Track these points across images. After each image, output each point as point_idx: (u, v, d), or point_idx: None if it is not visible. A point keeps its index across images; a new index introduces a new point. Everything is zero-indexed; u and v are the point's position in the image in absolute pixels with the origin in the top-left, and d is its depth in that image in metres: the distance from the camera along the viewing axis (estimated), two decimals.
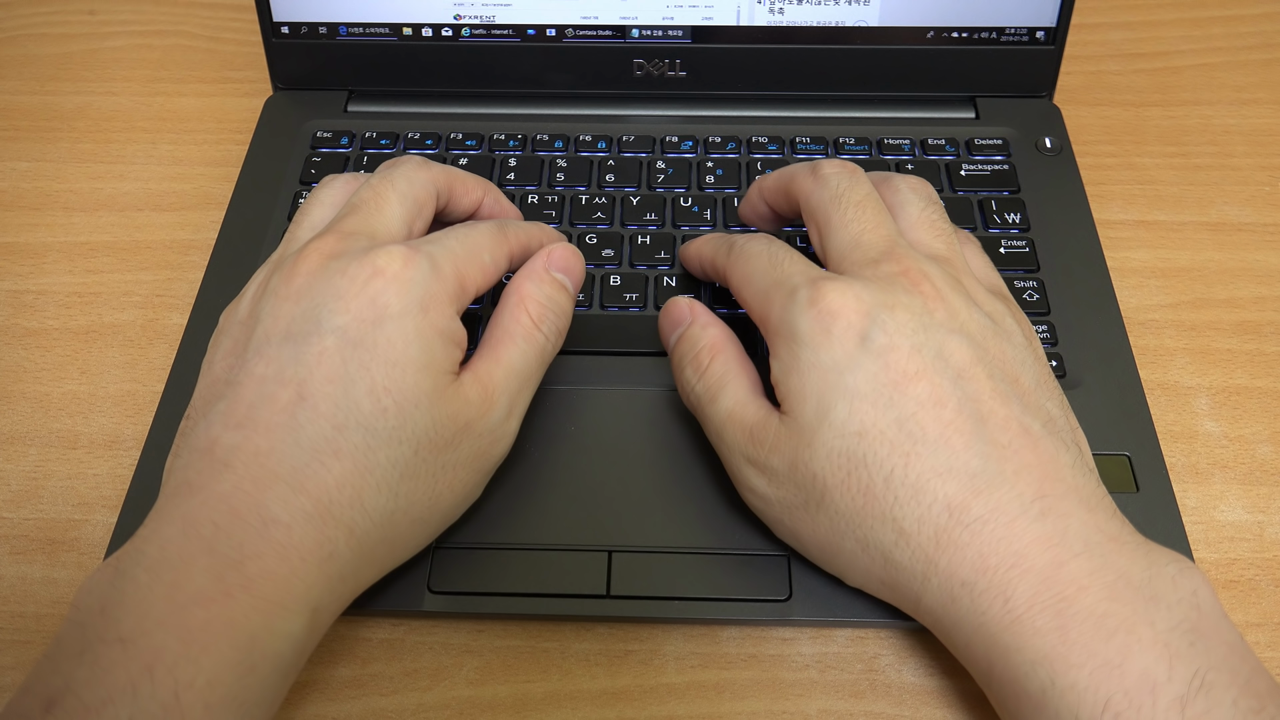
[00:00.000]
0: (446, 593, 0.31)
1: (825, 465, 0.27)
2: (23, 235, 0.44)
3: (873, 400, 0.27)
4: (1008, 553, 0.25)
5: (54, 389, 0.39)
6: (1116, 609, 0.24)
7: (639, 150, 0.44)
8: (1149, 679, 0.23)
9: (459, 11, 0.44)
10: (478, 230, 0.31)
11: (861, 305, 0.28)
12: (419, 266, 0.28)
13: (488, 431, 0.29)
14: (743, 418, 0.29)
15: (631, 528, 0.32)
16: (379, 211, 0.30)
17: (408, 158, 0.33)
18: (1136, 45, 0.52)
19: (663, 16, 0.44)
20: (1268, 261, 0.42)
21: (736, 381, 0.30)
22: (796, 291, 0.28)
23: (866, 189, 0.32)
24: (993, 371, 0.28)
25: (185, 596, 0.24)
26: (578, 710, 0.30)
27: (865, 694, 0.31)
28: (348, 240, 0.29)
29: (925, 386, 0.27)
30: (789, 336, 0.28)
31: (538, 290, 0.31)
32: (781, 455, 0.28)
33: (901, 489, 0.26)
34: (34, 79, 0.51)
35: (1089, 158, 0.46)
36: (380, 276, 0.27)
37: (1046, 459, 0.27)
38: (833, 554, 0.28)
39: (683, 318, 0.32)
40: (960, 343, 0.28)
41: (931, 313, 0.28)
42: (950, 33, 0.44)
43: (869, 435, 0.27)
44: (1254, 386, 0.38)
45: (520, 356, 0.30)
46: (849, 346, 0.27)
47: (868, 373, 0.27)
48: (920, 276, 0.29)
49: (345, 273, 0.27)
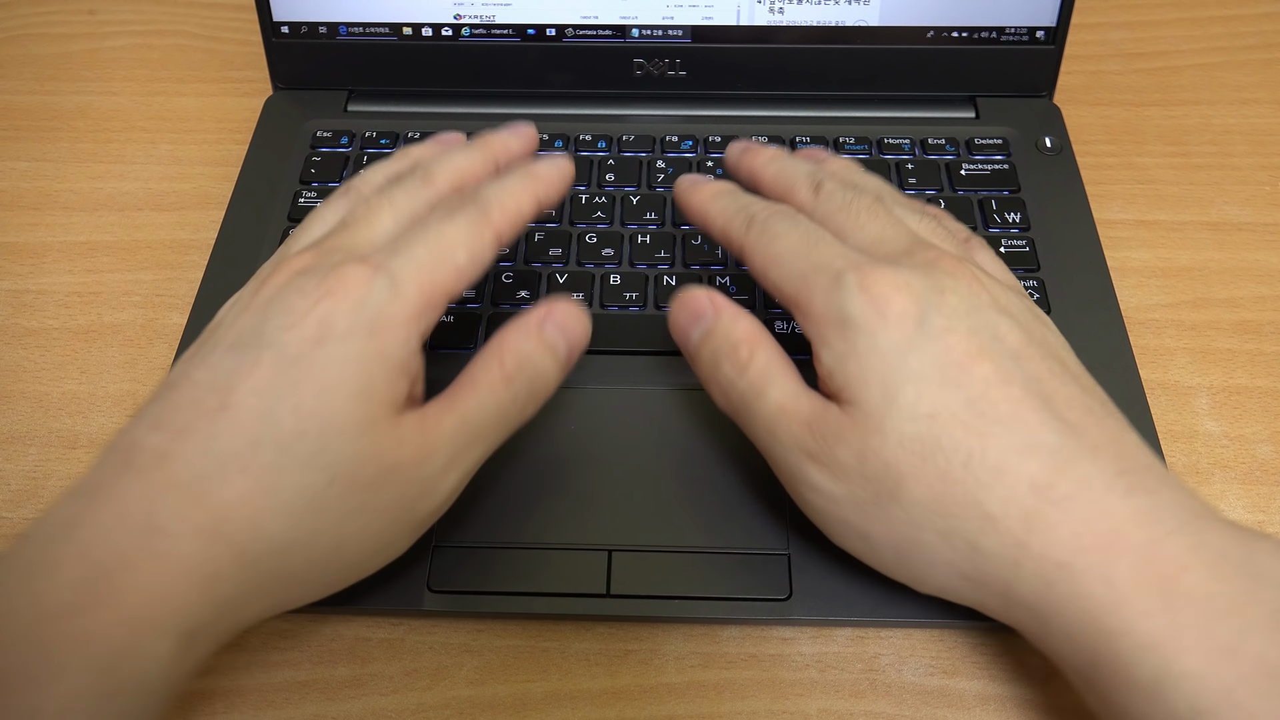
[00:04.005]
0: (446, 592, 0.31)
1: (898, 452, 0.25)
2: (23, 235, 0.44)
3: (939, 382, 0.26)
4: (1104, 530, 0.24)
5: (54, 389, 0.39)
6: (1223, 589, 0.23)
7: (639, 150, 0.44)
8: (1266, 663, 0.22)
9: (459, 11, 0.44)
10: (453, 224, 0.28)
11: (912, 289, 0.27)
12: (375, 286, 0.26)
13: (417, 481, 0.26)
14: (797, 410, 0.27)
15: (631, 527, 0.32)
16: (368, 227, 0.29)
17: (432, 151, 0.32)
18: (1136, 45, 0.52)
19: (663, 16, 0.44)
20: (1268, 261, 0.42)
21: (783, 373, 0.28)
22: (842, 276, 0.27)
23: (871, 198, 0.31)
24: (1044, 353, 0.27)
25: (48, 608, 0.22)
26: (578, 710, 0.30)
27: (865, 694, 0.31)
28: (323, 256, 0.28)
29: (989, 366, 0.26)
30: (840, 323, 0.27)
31: (520, 345, 0.28)
32: (848, 446, 0.26)
33: (982, 471, 0.25)
34: (34, 79, 0.51)
35: (1089, 157, 0.46)
36: (331, 296, 0.26)
37: (1115, 436, 0.26)
38: (909, 552, 0.27)
39: (704, 311, 0.29)
40: (1011, 325, 0.27)
41: (977, 295, 0.27)
42: (950, 32, 0.44)
43: (941, 417, 0.25)
44: (1254, 386, 0.38)
45: (478, 409, 0.27)
46: (907, 329, 0.26)
47: (930, 355, 0.26)
48: (955, 263, 0.28)
49: (302, 289, 0.26)
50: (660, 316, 0.38)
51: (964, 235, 0.33)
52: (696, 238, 0.40)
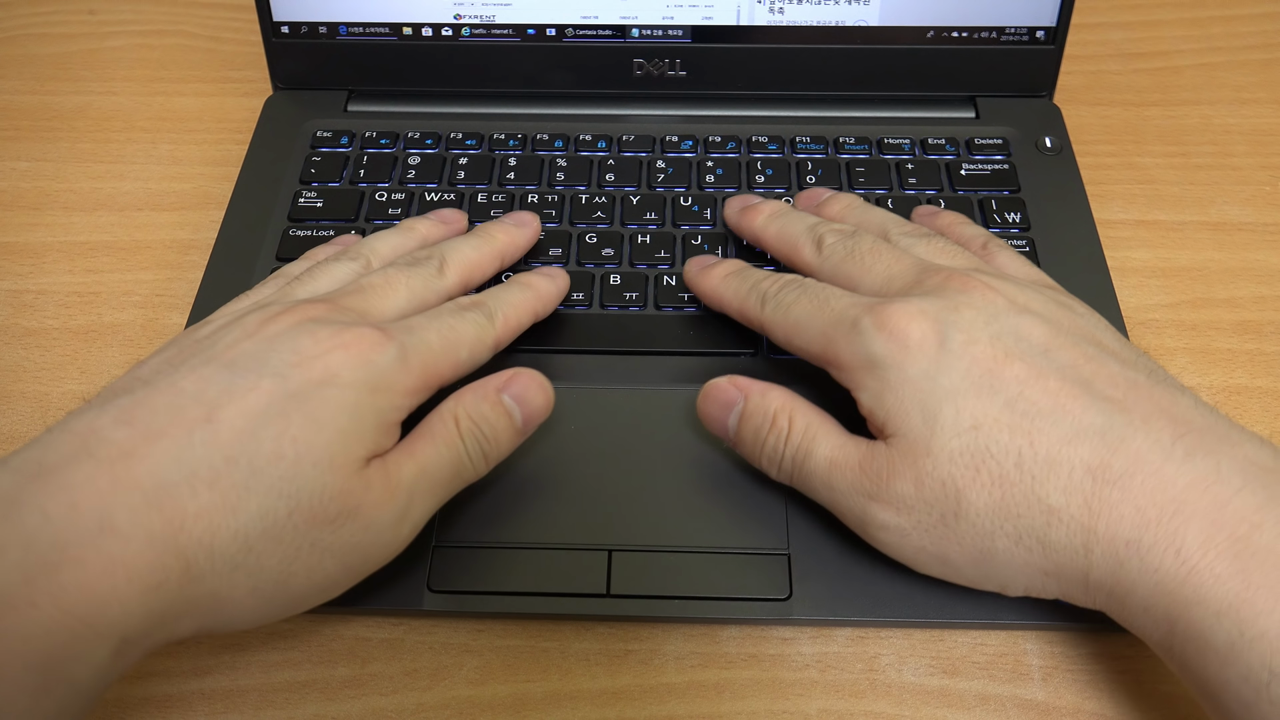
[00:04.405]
0: (446, 592, 0.31)
1: (950, 469, 0.26)
2: (23, 235, 0.44)
3: (975, 393, 0.26)
4: (1165, 500, 0.24)
5: (54, 389, 0.39)
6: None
7: (639, 150, 0.44)
8: None
9: (459, 11, 0.44)
10: (464, 323, 0.30)
11: (927, 315, 0.28)
12: (385, 352, 0.27)
13: (374, 525, 0.27)
14: (846, 459, 0.28)
15: (631, 527, 0.32)
16: (382, 299, 0.30)
17: (438, 231, 0.36)
18: (1136, 45, 0.52)
19: (663, 16, 0.44)
20: (1268, 261, 0.42)
21: (824, 428, 0.29)
22: (859, 322, 0.28)
23: (870, 238, 0.32)
24: (1075, 340, 0.28)
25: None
26: (578, 710, 0.30)
27: (865, 694, 0.31)
28: (337, 311, 0.29)
29: (1020, 366, 0.27)
30: (868, 365, 0.28)
31: (476, 407, 0.29)
32: (903, 477, 0.27)
33: (1035, 467, 0.25)
34: (34, 79, 0.51)
35: (1089, 157, 0.46)
36: (344, 349, 0.27)
37: (1166, 403, 0.26)
38: (988, 562, 0.27)
39: (732, 398, 0.31)
40: (1033, 321, 0.28)
41: (992, 303, 0.28)
42: (950, 32, 0.44)
43: (984, 425, 0.26)
44: (1254, 386, 0.38)
45: (435, 458, 0.28)
46: (931, 353, 0.27)
47: (959, 370, 0.27)
48: (965, 278, 0.29)
49: (315, 335, 0.27)
50: (660, 317, 0.38)
51: (981, 240, 0.34)
52: (697, 238, 0.40)
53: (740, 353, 0.37)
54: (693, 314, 0.38)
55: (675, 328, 0.37)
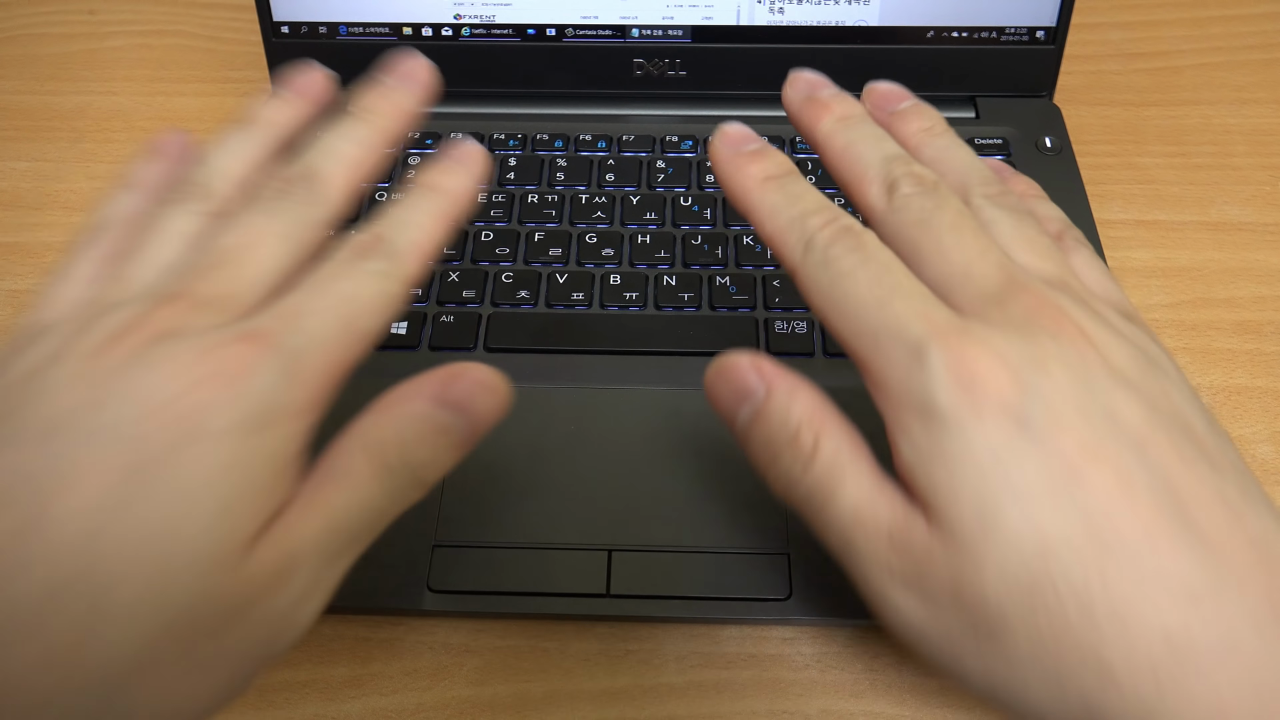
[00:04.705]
0: (446, 592, 0.31)
1: (1000, 589, 0.21)
2: (23, 235, 0.44)
3: (1050, 500, 0.21)
4: (1252, 694, 0.20)
5: None
6: None
7: (639, 150, 0.44)
8: None
9: (459, 11, 0.44)
10: (363, 282, 0.22)
11: (1009, 368, 0.21)
12: (264, 372, 0.20)
13: (272, 618, 0.21)
14: (876, 519, 0.22)
15: (631, 527, 0.32)
16: (249, 269, 0.22)
17: (288, 112, 0.26)
18: (1136, 45, 0.52)
19: (663, 16, 0.44)
20: (1268, 261, 0.42)
21: (855, 463, 0.23)
22: (925, 351, 0.22)
23: (955, 205, 0.24)
24: (1168, 425, 0.22)
25: None
26: (578, 710, 0.30)
27: (865, 694, 0.31)
28: (193, 313, 0.21)
29: (1108, 471, 0.21)
30: (923, 411, 0.22)
31: (404, 429, 0.22)
32: (938, 575, 0.21)
33: (1104, 616, 0.20)
34: (34, 79, 0.51)
35: (1089, 157, 0.46)
36: (208, 385, 0.20)
37: (1263, 548, 0.21)
38: (1006, 693, 0.22)
39: (751, 388, 0.24)
40: (1127, 396, 0.22)
41: (1087, 361, 0.22)
42: (950, 32, 0.44)
43: (1053, 549, 0.20)
44: (1254, 386, 0.38)
45: (347, 508, 0.21)
46: (1007, 429, 0.21)
47: (1036, 462, 0.21)
48: (1058, 312, 0.23)
49: (167, 366, 0.20)
50: (660, 317, 0.38)
51: (1058, 227, 0.28)
52: (697, 238, 0.40)
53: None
54: (692, 314, 0.38)
55: (675, 328, 0.37)
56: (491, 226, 0.41)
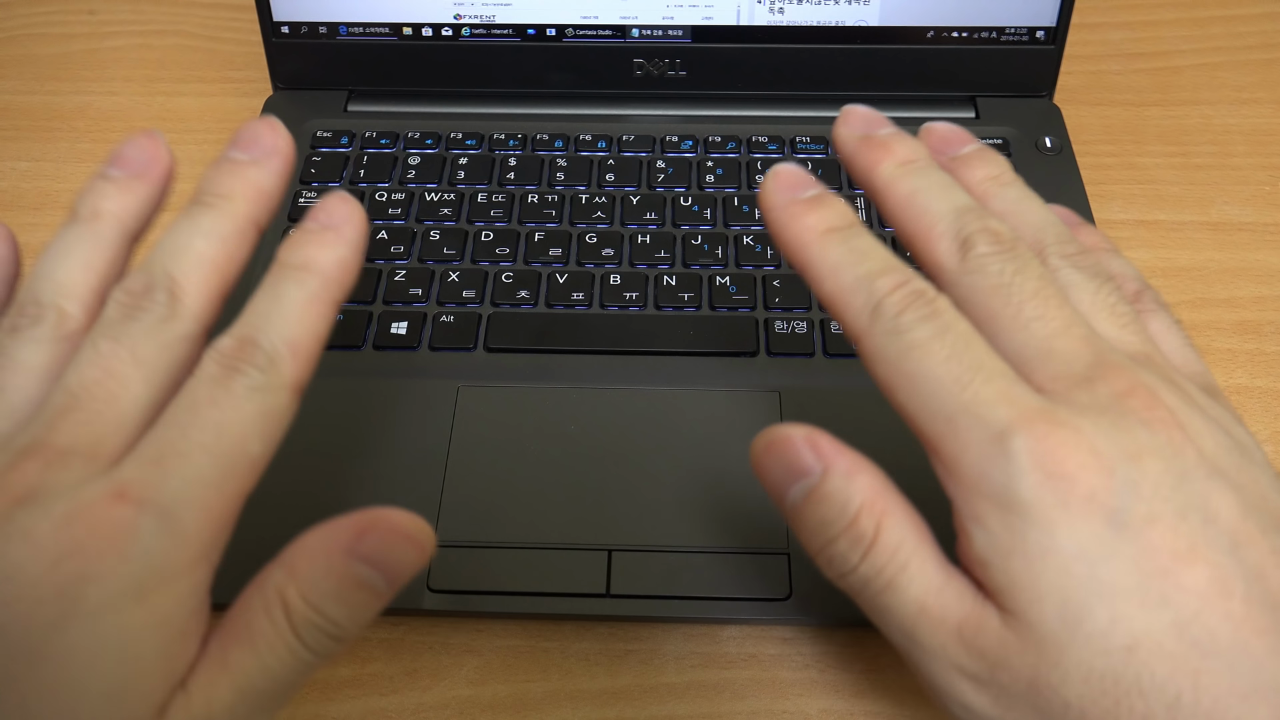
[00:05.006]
0: (446, 592, 0.31)
1: (1083, 690, 0.20)
2: (23, 235, 0.44)
3: (1140, 600, 0.19)
4: None
5: None
6: None
7: (639, 150, 0.44)
8: None
9: (459, 11, 0.44)
10: (237, 404, 0.20)
11: (1101, 461, 0.20)
12: (142, 532, 0.18)
13: None
14: (943, 612, 0.21)
15: (631, 527, 0.32)
16: (110, 408, 0.20)
17: (170, 252, 0.22)
18: (1136, 45, 0.52)
19: (663, 16, 0.44)
20: (1268, 261, 0.42)
21: (919, 554, 0.21)
22: (1009, 440, 0.20)
23: (1037, 270, 0.22)
24: (1261, 520, 0.21)
25: None
26: (578, 710, 0.30)
27: (865, 694, 0.31)
28: (53, 469, 0.19)
29: (1203, 571, 0.20)
30: (1003, 503, 0.20)
31: (316, 585, 0.20)
32: (1013, 672, 0.20)
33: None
34: (34, 79, 0.51)
35: (1089, 157, 0.46)
36: (80, 554, 0.18)
37: None
38: None
39: (807, 467, 0.22)
40: (1221, 489, 0.21)
41: (1181, 454, 0.21)
42: (950, 32, 0.44)
43: (1141, 650, 0.19)
44: (1254, 386, 0.38)
45: (259, 672, 0.20)
46: (1096, 525, 0.20)
47: (1127, 560, 0.20)
48: (1150, 398, 0.21)
49: (27, 540, 0.18)
50: (661, 316, 0.38)
51: (1135, 286, 0.27)
52: (697, 238, 0.40)
53: (740, 353, 0.37)
54: (692, 314, 0.38)
55: (675, 328, 0.37)
56: (491, 226, 0.41)
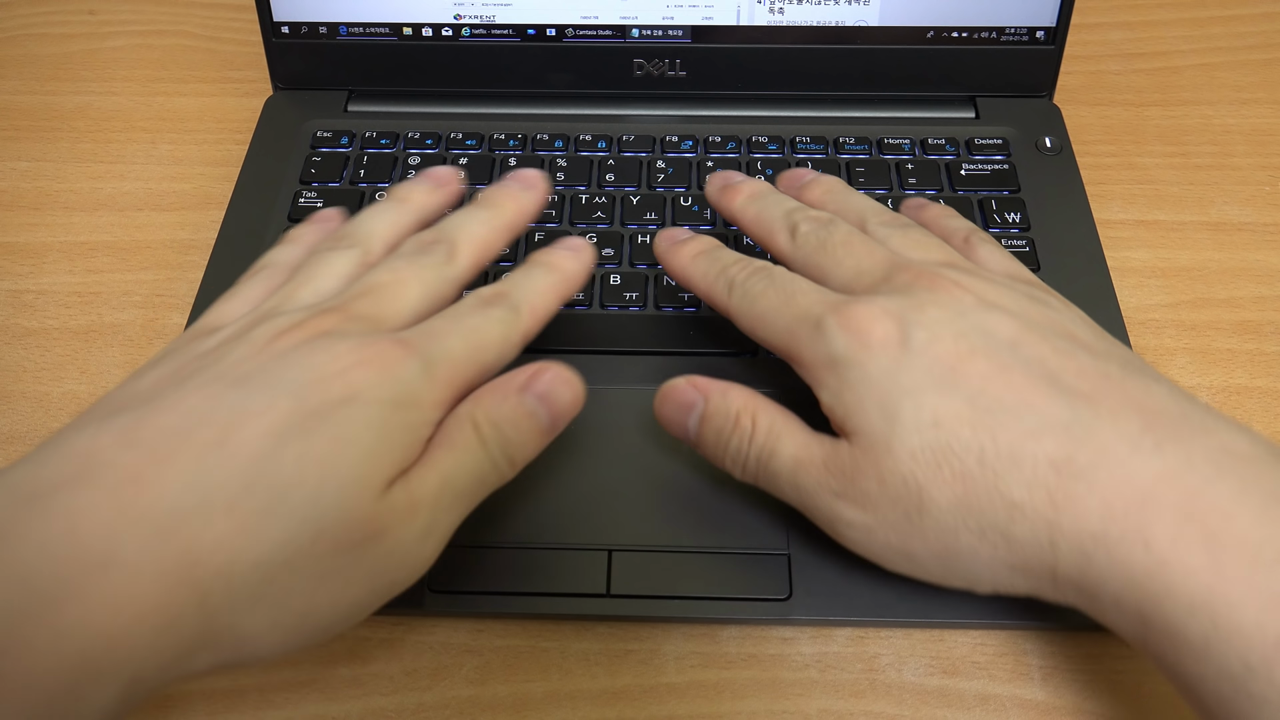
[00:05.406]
0: (446, 592, 0.31)
1: (912, 466, 0.26)
2: (23, 235, 0.44)
3: (936, 390, 0.26)
4: (1132, 492, 0.24)
5: (54, 389, 0.39)
6: (1272, 533, 0.23)
7: (639, 150, 0.44)
8: None
9: (459, 11, 0.44)
10: (489, 322, 0.28)
11: (890, 314, 0.27)
12: (409, 367, 0.26)
13: (400, 547, 0.25)
14: (811, 457, 0.28)
15: (631, 527, 0.32)
16: (395, 301, 0.28)
17: (433, 199, 0.32)
18: (1136, 45, 0.52)
19: (663, 16, 0.44)
20: (1268, 261, 0.42)
21: (788, 426, 0.29)
22: (823, 321, 0.28)
23: (844, 229, 0.31)
24: (1045, 334, 0.27)
25: None
26: (578, 710, 0.30)
27: (865, 694, 0.31)
28: (349, 322, 0.27)
29: (983, 362, 0.26)
30: (830, 364, 0.27)
31: (497, 409, 0.27)
32: (866, 475, 0.26)
33: (998, 462, 0.25)
34: (34, 79, 0.51)
35: (1089, 158, 0.46)
36: (365, 366, 0.25)
37: (1139, 394, 0.26)
38: (953, 559, 0.26)
39: (691, 399, 0.30)
40: (1001, 317, 0.27)
41: (959, 300, 0.28)
42: (950, 32, 0.44)
43: (945, 422, 0.26)
44: (1254, 386, 0.38)
45: (456, 468, 0.26)
46: (893, 351, 0.27)
47: (920, 367, 0.26)
48: (933, 276, 0.28)
49: (332, 352, 0.25)
50: (660, 317, 0.38)
51: (964, 234, 0.33)
52: None
53: (740, 354, 0.37)
54: (692, 314, 0.38)
55: (675, 328, 0.37)
56: None
